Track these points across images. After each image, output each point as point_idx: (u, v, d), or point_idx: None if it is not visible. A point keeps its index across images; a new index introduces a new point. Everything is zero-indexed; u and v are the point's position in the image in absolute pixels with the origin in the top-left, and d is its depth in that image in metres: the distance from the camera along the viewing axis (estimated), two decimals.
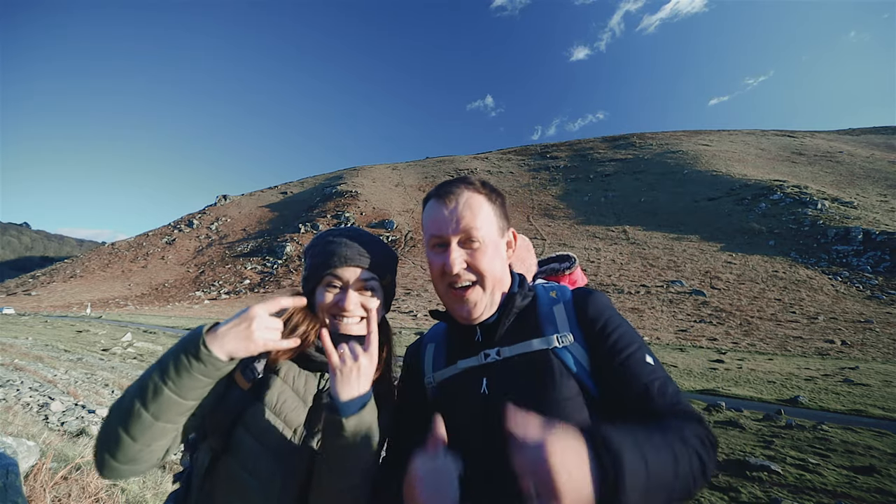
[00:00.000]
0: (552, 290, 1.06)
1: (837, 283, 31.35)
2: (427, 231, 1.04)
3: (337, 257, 1.05)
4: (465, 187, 1.01)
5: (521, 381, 0.93)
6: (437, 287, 1.04)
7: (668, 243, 46.26)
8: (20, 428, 3.79)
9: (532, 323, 0.99)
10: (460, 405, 0.98)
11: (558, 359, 0.92)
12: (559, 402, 0.88)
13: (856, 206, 45.89)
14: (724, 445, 6.48)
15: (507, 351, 0.97)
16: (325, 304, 1.05)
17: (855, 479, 5.17)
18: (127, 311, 47.16)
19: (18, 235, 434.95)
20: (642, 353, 0.91)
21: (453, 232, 0.98)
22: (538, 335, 0.96)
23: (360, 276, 1.06)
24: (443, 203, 1.00)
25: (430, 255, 1.04)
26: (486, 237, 0.98)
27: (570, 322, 0.97)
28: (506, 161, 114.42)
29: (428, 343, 1.15)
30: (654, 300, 30.67)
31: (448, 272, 0.97)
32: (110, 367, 11.77)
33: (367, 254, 1.08)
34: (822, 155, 75.50)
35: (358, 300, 1.05)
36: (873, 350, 17.88)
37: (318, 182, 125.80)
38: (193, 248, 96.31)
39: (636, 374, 0.88)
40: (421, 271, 50.13)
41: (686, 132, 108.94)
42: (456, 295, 0.99)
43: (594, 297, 0.99)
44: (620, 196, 70.58)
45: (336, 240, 1.08)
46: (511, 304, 1.00)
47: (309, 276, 1.09)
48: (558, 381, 0.90)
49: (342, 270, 1.05)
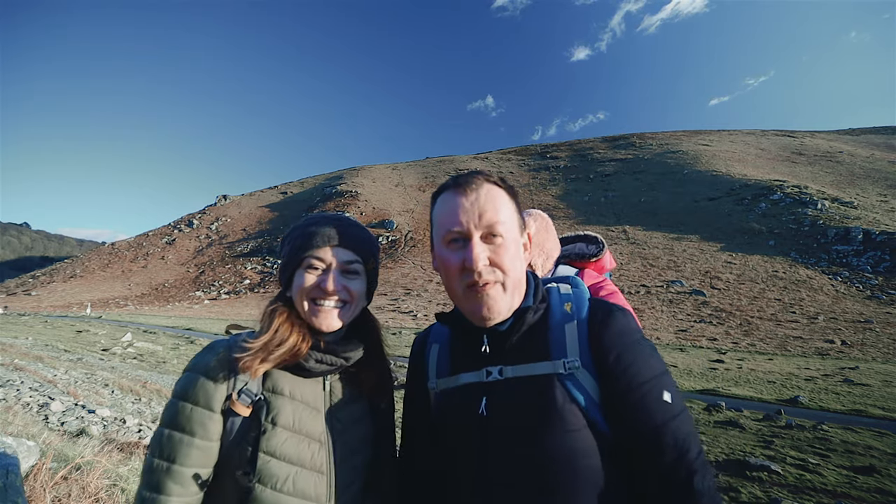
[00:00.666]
0: (567, 301, 0.95)
1: (837, 283, 31.33)
2: (442, 226, 0.92)
3: (319, 237, 0.98)
4: (485, 179, 0.93)
5: (522, 407, 0.86)
6: (452, 287, 0.93)
7: (668, 243, 46.24)
8: (20, 428, 3.78)
9: (540, 343, 0.90)
10: (457, 422, 0.94)
11: (563, 387, 0.84)
12: (562, 433, 0.81)
13: (856, 206, 45.86)
14: (724, 445, 6.48)
15: (510, 371, 0.90)
16: (304, 287, 0.97)
17: (855, 479, 5.17)
18: (127, 311, 47.15)
19: (18, 235, 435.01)
20: (659, 389, 0.83)
21: (475, 225, 0.88)
22: (545, 357, 0.88)
23: (343, 258, 1.00)
24: (462, 194, 0.90)
25: (444, 253, 0.92)
26: (508, 233, 0.90)
27: (580, 346, 0.87)
28: (506, 161, 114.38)
29: (433, 343, 1.08)
30: (654, 300, 30.67)
31: (470, 268, 0.87)
32: (110, 367, 11.76)
33: (351, 236, 1.02)
34: (822, 155, 75.47)
35: (341, 282, 0.98)
36: (873, 350, 17.87)
37: (318, 182, 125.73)
38: (193, 248, 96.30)
39: (649, 414, 0.81)
40: (421, 271, 50.08)
41: (686, 132, 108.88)
42: (475, 293, 0.88)
43: (613, 321, 0.89)
44: (620, 196, 70.56)
45: (317, 222, 1.03)
46: (522, 321, 0.91)
47: (288, 262, 1.02)
48: (561, 411, 0.82)
49: (324, 251, 0.98)
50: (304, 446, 0.93)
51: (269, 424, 0.92)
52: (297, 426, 0.94)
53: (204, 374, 0.91)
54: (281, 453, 0.91)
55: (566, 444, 0.81)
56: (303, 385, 0.99)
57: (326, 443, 0.97)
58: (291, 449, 0.92)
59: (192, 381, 0.91)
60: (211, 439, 0.90)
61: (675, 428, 0.80)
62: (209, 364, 0.92)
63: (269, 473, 0.89)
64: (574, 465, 0.80)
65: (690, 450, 0.79)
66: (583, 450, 0.81)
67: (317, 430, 0.97)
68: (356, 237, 1.03)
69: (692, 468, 0.78)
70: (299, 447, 0.93)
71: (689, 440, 0.80)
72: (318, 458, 0.94)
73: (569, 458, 0.80)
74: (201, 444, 0.88)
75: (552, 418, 0.82)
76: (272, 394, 0.95)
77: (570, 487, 0.80)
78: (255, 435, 0.90)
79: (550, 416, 0.83)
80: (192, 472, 0.87)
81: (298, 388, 0.98)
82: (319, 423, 0.97)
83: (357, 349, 1.04)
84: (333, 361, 1.00)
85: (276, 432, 0.92)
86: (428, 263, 51.17)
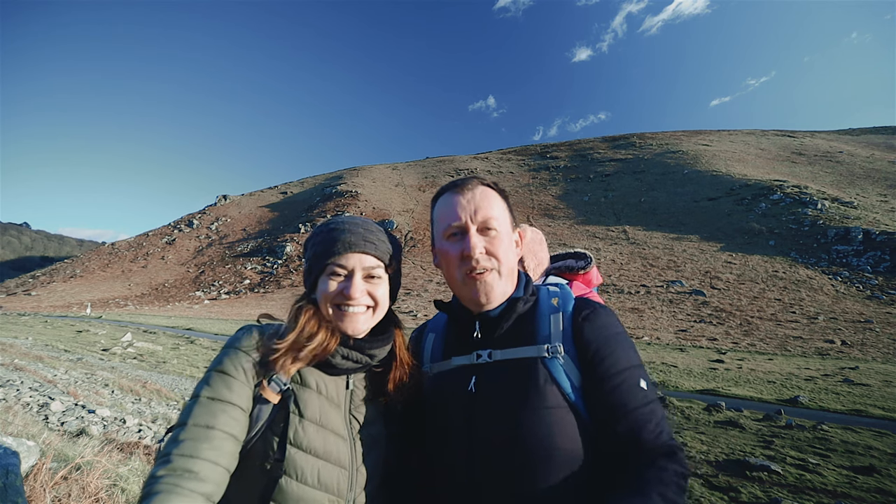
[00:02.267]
0: (555, 296, 1.06)
1: (837, 283, 31.35)
2: (443, 222, 1.06)
3: (340, 244, 1.00)
4: (479, 182, 1.07)
5: (507, 384, 0.96)
6: (451, 275, 1.05)
7: (668, 243, 46.26)
8: (20, 428, 3.78)
9: (528, 329, 1.01)
10: (448, 399, 1.03)
11: (546, 368, 0.94)
12: (542, 409, 0.90)
13: (856, 206, 45.89)
14: (724, 445, 6.48)
15: (498, 354, 1.00)
16: (328, 293, 1.00)
17: (855, 479, 5.17)
18: (127, 311, 47.14)
19: (18, 235, 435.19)
20: (636, 377, 0.92)
21: (472, 220, 1.01)
22: (531, 342, 0.98)
23: (365, 263, 1.02)
24: (459, 194, 1.04)
25: (445, 246, 1.05)
26: (501, 227, 1.03)
27: (564, 335, 0.97)
28: (506, 161, 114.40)
29: (430, 332, 1.20)
30: (654, 300, 30.67)
31: (468, 256, 0.99)
32: (110, 367, 11.76)
33: (372, 240, 1.04)
34: (822, 155, 75.49)
35: (364, 288, 1.01)
36: (873, 350, 17.89)
37: (318, 182, 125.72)
38: (193, 248, 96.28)
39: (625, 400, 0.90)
40: (421, 271, 50.09)
41: (686, 132, 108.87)
42: (473, 279, 1.00)
43: (594, 316, 0.99)
44: (620, 196, 70.58)
45: (339, 227, 1.04)
46: (513, 309, 1.02)
47: (311, 268, 1.05)
48: (542, 390, 0.91)
49: (346, 257, 1.00)
50: (330, 440, 0.95)
51: (295, 416, 0.93)
52: (322, 420, 0.96)
53: (245, 351, 0.94)
54: (307, 446, 0.92)
55: (545, 420, 0.89)
56: (328, 381, 1.01)
57: (348, 438, 0.99)
58: (318, 442, 0.93)
59: (233, 355, 0.93)
60: (245, 412, 0.90)
61: (649, 411, 0.89)
62: (248, 345, 0.94)
63: (295, 465, 0.90)
64: (552, 442, 0.88)
65: (664, 431, 0.88)
66: (561, 428, 0.89)
67: (339, 425, 0.98)
68: (378, 242, 1.05)
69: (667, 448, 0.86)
70: (326, 441, 0.94)
71: (663, 424, 0.89)
72: (342, 453, 0.96)
73: (547, 434, 0.89)
74: (237, 415, 0.88)
75: (532, 395, 0.92)
76: (300, 386, 0.97)
77: (547, 462, 0.88)
78: (284, 425, 0.91)
79: (531, 393, 0.92)
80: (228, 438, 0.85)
81: (324, 383, 1.00)
82: (341, 419, 0.99)
83: (382, 348, 1.06)
84: (359, 359, 1.02)
85: (303, 425, 0.93)
86: (428, 263, 51.20)
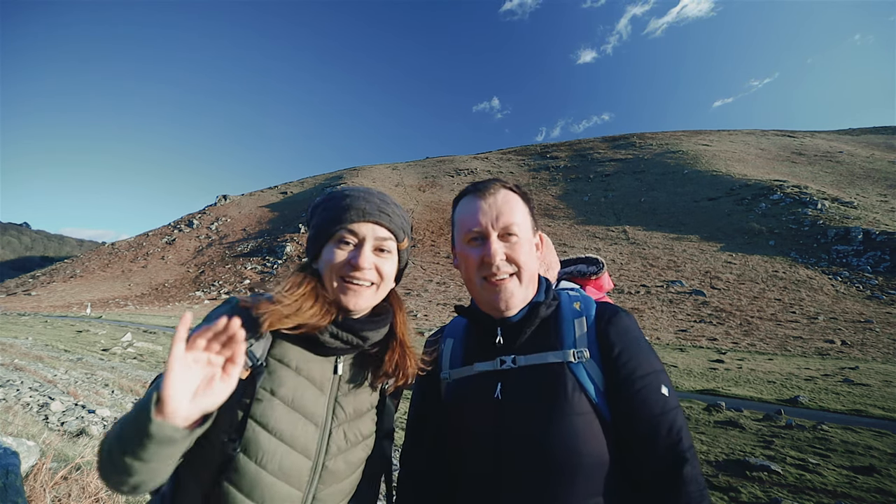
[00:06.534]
0: (577, 300, 1.05)
1: (837, 283, 31.32)
2: (463, 226, 1.04)
3: (354, 211, 0.93)
4: (501, 185, 1.04)
5: (534, 391, 0.94)
6: (471, 281, 1.03)
7: (668, 243, 46.23)
8: (20, 428, 3.78)
9: (552, 334, 0.99)
10: (473, 406, 1.00)
11: (572, 374, 0.93)
12: (571, 415, 0.89)
13: (856, 206, 45.85)
14: (724, 445, 6.47)
15: (522, 360, 0.98)
16: (334, 262, 0.92)
17: (855, 479, 5.17)
18: (127, 311, 47.12)
19: (18, 235, 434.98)
20: (658, 383, 0.92)
21: (493, 226, 0.99)
22: (556, 347, 0.97)
23: (377, 234, 0.95)
24: (481, 198, 1.02)
25: (465, 250, 1.03)
26: (522, 233, 1.01)
27: (588, 339, 0.97)
28: (506, 161, 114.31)
29: (447, 337, 1.16)
30: (654, 300, 30.65)
31: (488, 262, 0.98)
32: (110, 367, 11.76)
33: (387, 212, 0.97)
34: (822, 155, 75.45)
35: (373, 260, 0.93)
36: (873, 350, 17.87)
37: (318, 182, 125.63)
38: (193, 248, 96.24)
39: (647, 404, 0.90)
40: (421, 271, 50.07)
41: (686, 132, 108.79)
42: (493, 285, 0.99)
43: (618, 320, 0.99)
44: (620, 196, 70.54)
45: (353, 193, 0.96)
46: (535, 313, 1.01)
47: (318, 234, 0.95)
48: (570, 396, 0.91)
49: (358, 225, 0.93)
50: (299, 425, 0.87)
51: (266, 393, 0.85)
52: (295, 402, 0.87)
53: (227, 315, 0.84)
54: (273, 427, 0.84)
55: (575, 426, 0.89)
56: (312, 361, 0.92)
57: (323, 428, 0.90)
58: (285, 425, 0.85)
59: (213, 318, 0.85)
60: None
61: (671, 419, 0.89)
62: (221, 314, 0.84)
63: (256, 445, 0.82)
64: (578, 447, 0.88)
65: (683, 440, 0.88)
66: (588, 433, 0.89)
67: (317, 411, 0.90)
68: (392, 214, 0.99)
69: (683, 457, 0.86)
70: (294, 425, 0.86)
71: (682, 432, 0.89)
72: (309, 442, 0.87)
73: (574, 440, 0.88)
74: None
75: (561, 401, 0.91)
76: (278, 363, 0.89)
77: (577, 468, 0.87)
78: (249, 401, 0.83)
79: (560, 399, 0.91)
80: None
81: (306, 363, 0.92)
82: (321, 406, 0.91)
83: (376, 330, 0.97)
84: (349, 339, 0.93)
85: (272, 404, 0.85)
86: (428, 263, 51.24)
